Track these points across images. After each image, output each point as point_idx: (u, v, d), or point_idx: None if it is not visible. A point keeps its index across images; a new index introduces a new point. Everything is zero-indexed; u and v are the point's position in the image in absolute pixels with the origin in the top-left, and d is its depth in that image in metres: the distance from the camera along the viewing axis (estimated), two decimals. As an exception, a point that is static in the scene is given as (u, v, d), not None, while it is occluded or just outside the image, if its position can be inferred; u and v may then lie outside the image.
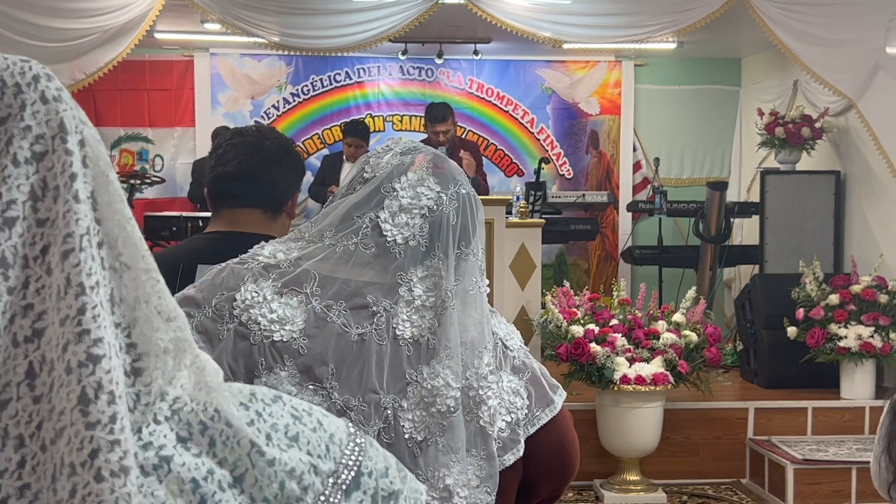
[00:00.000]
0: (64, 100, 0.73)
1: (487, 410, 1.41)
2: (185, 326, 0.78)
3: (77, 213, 0.70)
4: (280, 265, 1.43)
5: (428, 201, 1.45)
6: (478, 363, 1.43)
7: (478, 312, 1.45)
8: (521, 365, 1.51)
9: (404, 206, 1.44)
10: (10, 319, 0.69)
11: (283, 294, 1.40)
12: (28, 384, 0.68)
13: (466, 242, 1.46)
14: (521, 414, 1.46)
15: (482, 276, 1.48)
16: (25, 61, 0.73)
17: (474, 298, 1.45)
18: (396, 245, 1.43)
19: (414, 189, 1.46)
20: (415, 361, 1.40)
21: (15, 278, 0.69)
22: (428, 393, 1.38)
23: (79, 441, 0.66)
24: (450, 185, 1.47)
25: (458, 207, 1.46)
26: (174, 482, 0.72)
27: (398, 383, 1.39)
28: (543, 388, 1.52)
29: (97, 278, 0.70)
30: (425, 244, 1.44)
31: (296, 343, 1.37)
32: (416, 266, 1.43)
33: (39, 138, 0.71)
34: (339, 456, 0.84)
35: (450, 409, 1.38)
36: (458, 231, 1.45)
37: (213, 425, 0.76)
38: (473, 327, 1.44)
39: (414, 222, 1.44)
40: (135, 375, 0.73)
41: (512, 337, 1.54)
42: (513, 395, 1.46)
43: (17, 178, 0.70)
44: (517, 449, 1.45)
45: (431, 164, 1.49)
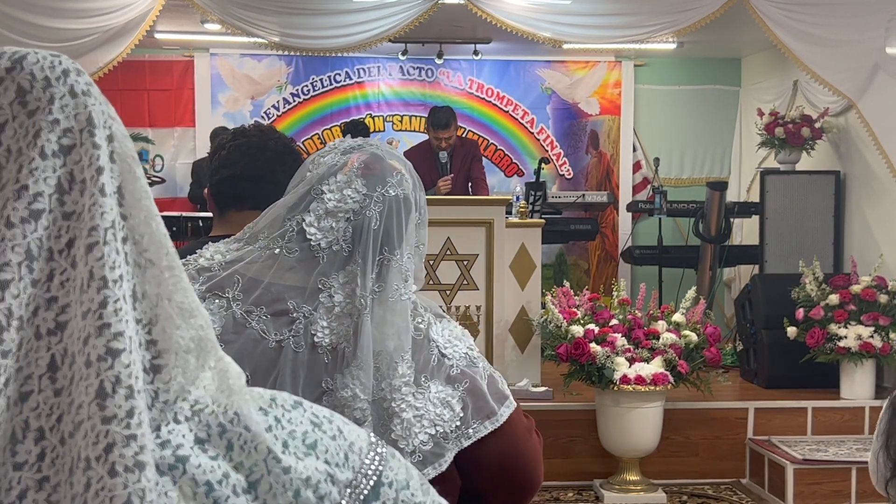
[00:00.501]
0: (93, 94, 0.74)
1: (400, 423, 1.37)
2: (207, 326, 0.78)
3: (103, 207, 0.70)
4: (212, 268, 1.42)
5: (353, 204, 1.42)
6: (392, 374, 1.38)
7: (399, 320, 1.40)
8: (458, 374, 1.44)
9: (330, 209, 1.41)
10: (34, 312, 0.69)
11: (206, 299, 1.38)
12: (50, 377, 0.68)
13: (390, 247, 1.41)
14: (451, 426, 1.40)
15: (406, 283, 1.42)
16: (56, 56, 0.73)
17: (395, 306, 1.40)
18: (320, 249, 1.40)
19: (341, 191, 1.42)
20: (332, 370, 1.37)
21: (39, 271, 0.69)
22: (338, 403, 1.35)
23: (95, 435, 0.66)
24: (377, 186, 1.43)
25: (382, 210, 1.42)
26: (188, 484, 0.72)
27: (314, 392, 1.36)
28: (483, 399, 1.44)
29: (120, 272, 0.70)
30: (347, 249, 1.40)
31: None
32: (337, 272, 1.40)
33: (67, 132, 0.72)
34: (358, 465, 0.83)
35: (357, 420, 1.34)
36: (381, 235, 1.41)
37: (232, 429, 0.75)
38: (392, 336, 1.39)
39: (338, 226, 1.41)
40: (154, 372, 0.73)
41: (455, 344, 1.46)
42: (440, 407, 1.40)
43: (43, 171, 0.70)
44: (439, 463, 1.39)
45: (363, 165, 1.45)
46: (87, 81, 0.74)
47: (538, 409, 5.43)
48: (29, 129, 0.71)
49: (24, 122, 0.71)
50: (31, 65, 0.72)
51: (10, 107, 0.71)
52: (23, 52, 0.73)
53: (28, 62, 0.72)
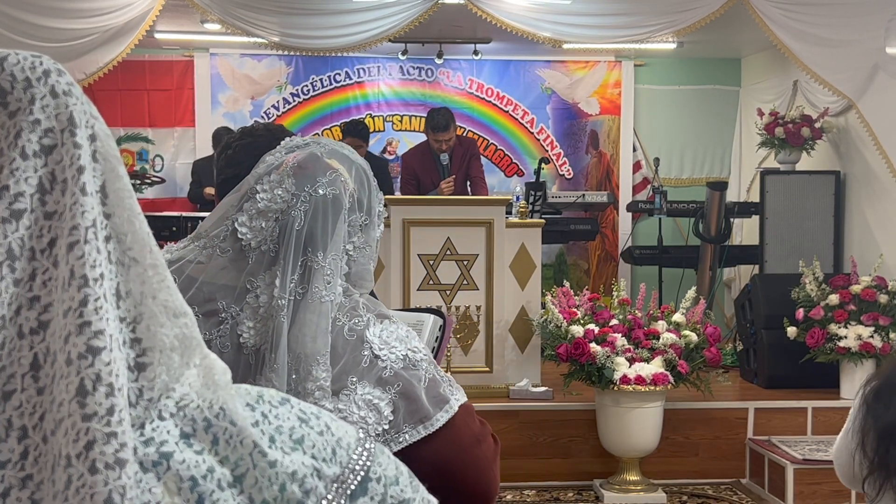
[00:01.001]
0: (74, 94, 0.74)
1: None
2: (192, 324, 0.78)
3: (83, 206, 0.71)
4: None
5: (282, 203, 1.41)
6: (306, 377, 1.36)
7: (322, 321, 1.37)
8: (391, 377, 1.39)
9: (261, 209, 1.41)
10: (17, 311, 0.69)
11: None
12: (32, 375, 0.69)
13: (314, 248, 1.39)
14: (376, 430, 1.36)
15: (327, 286, 1.39)
16: (37, 56, 0.74)
17: (315, 308, 1.38)
18: (251, 249, 1.40)
19: (273, 191, 1.42)
20: (255, 371, 1.36)
21: (21, 270, 0.70)
22: None
23: (75, 433, 0.67)
24: (305, 186, 1.41)
25: (307, 210, 1.40)
26: (172, 479, 0.72)
27: None
28: (417, 402, 1.38)
29: (101, 271, 0.70)
30: (274, 249, 1.40)
31: None
32: (264, 272, 1.39)
33: (48, 132, 0.72)
34: (345, 460, 0.83)
35: None
36: (304, 236, 1.39)
37: (218, 423, 0.76)
38: (310, 339, 1.36)
39: (267, 226, 1.40)
40: (138, 370, 0.73)
41: (393, 346, 1.41)
42: (366, 409, 1.36)
43: (25, 171, 0.70)
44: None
45: (296, 164, 1.44)
46: (69, 81, 0.74)
47: (538, 409, 5.44)
48: (10, 130, 0.71)
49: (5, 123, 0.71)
50: (11, 66, 0.72)
51: None
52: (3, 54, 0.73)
53: (9, 63, 0.72)
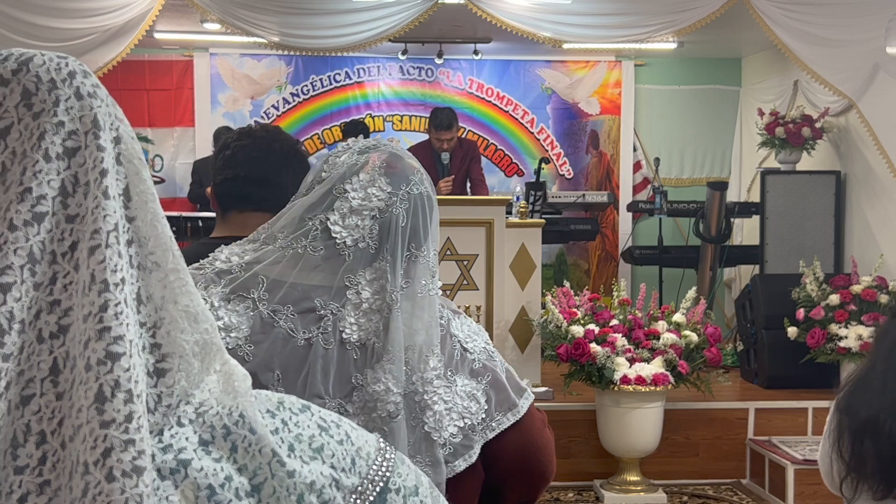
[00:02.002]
0: (99, 96, 0.73)
1: (433, 416, 1.39)
2: (213, 329, 0.77)
3: (105, 210, 0.70)
4: (232, 270, 1.42)
5: (378, 202, 1.43)
6: (423, 367, 1.40)
7: (427, 315, 1.42)
8: (480, 368, 1.47)
9: (355, 207, 1.42)
10: (36, 315, 0.69)
11: (231, 300, 1.39)
12: (52, 380, 0.68)
13: (417, 244, 1.43)
14: (477, 419, 1.42)
15: (433, 279, 1.45)
16: (62, 58, 0.73)
17: (423, 301, 1.42)
18: (346, 247, 1.41)
19: (365, 190, 1.43)
20: (361, 365, 1.38)
21: (42, 274, 0.69)
22: (370, 398, 1.36)
23: (93, 439, 0.66)
24: (401, 185, 1.45)
25: (408, 208, 1.44)
26: (190, 488, 0.71)
27: (344, 388, 1.37)
28: (505, 391, 1.47)
29: (122, 275, 0.70)
30: (374, 246, 1.42)
31: (241, 350, 1.36)
32: (364, 268, 1.41)
33: (72, 134, 0.71)
34: (364, 471, 0.82)
35: (390, 414, 1.36)
36: (409, 232, 1.43)
37: (237, 430, 0.75)
38: (422, 331, 1.41)
39: (364, 224, 1.42)
40: (157, 376, 0.73)
41: (474, 339, 1.50)
42: (468, 400, 1.43)
43: (47, 174, 0.70)
44: (469, 455, 1.41)
45: (385, 164, 1.46)
46: (94, 83, 0.74)
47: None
48: (34, 132, 0.70)
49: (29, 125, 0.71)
50: (37, 67, 0.72)
51: (16, 109, 0.71)
52: (29, 54, 0.72)
53: (34, 64, 0.72)
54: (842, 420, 2.13)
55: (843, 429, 2.12)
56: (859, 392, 2.13)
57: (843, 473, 2.10)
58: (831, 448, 2.14)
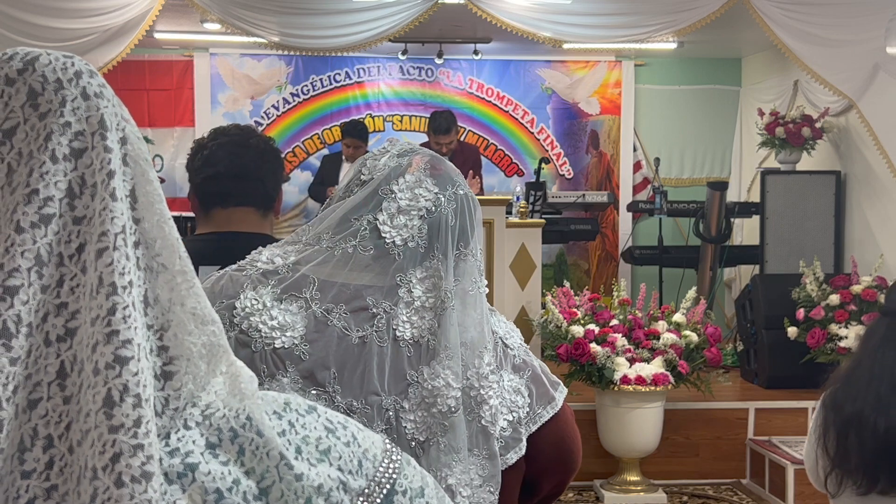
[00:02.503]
0: (106, 97, 0.73)
1: (489, 410, 1.41)
2: (219, 331, 0.77)
3: (113, 212, 0.69)
4: (279, 271, 1.43)
5: (426, 202, 1.45)
6: (478, 363, 1.42)
7: (477, 312, 1.45)
8: (521, 363, 1.51)
9: (402, 207, 1.44)
10: (44, 318, 0.68)
11: (283, 300, 1.40)
12: (59, 384, 0.68)
13: (465, 243, 1.46)
14: (523, 412, 1.47)
15: (481, 277, 1.48)
16: (69, 57, 0.72)
17: (474, 298, 1.45)
18: (395, 247, 1.43)
19: (412, 190, 1.46)
20: (415, 362, 1.40)
21: (49, 276, 0.68)
22: (429, 393, 1.38)
23: (101, 444, 0.65)
24: (447, 186, 1.48)
25: (456, 208, 1.46)
26: (197, 492, 0.71)
27: (399, 384, 1.39)
28: (544, 385, 1.52)
29: (130, 278, 0.69)
30: (424, 245, 1.44)
31: (297, 349, 1.37)
32: (415, 267, 1.43)
33: (79, 135, 0.71)
34: (371, 473, 0.82)
35: (451, 409, 1.38)
36: (457, 232, 1.46)
37: (244, 433, 0.74)
38: (473, 327, 1.43)
39: (412, 224, 1.44)
40: (165, 379, 0.72)
41: (512, 335, 1.54)
42: (514, 394, 1.46)
43: (54, 175, 0.69)
44: (519, 447, 1.45)
45: (429, 166, 1.49)
46: (101, 83, 0.73)
47: (538, 410, 5.43)
48: (40, 132, 0.70)
49: (35, 125, 0.70)
50: (43, 66, 0.71)
51: (22, 109, 0.70)
52: (35, 53, 0.71)
53: (40, 64, 0.71)
54: (827, 416, 2.14)
55: (829, 424, 2.12)
56: (845, 388, 2.13)
57: (828, 468, 2.11)
58: (816, 443, 2.15)
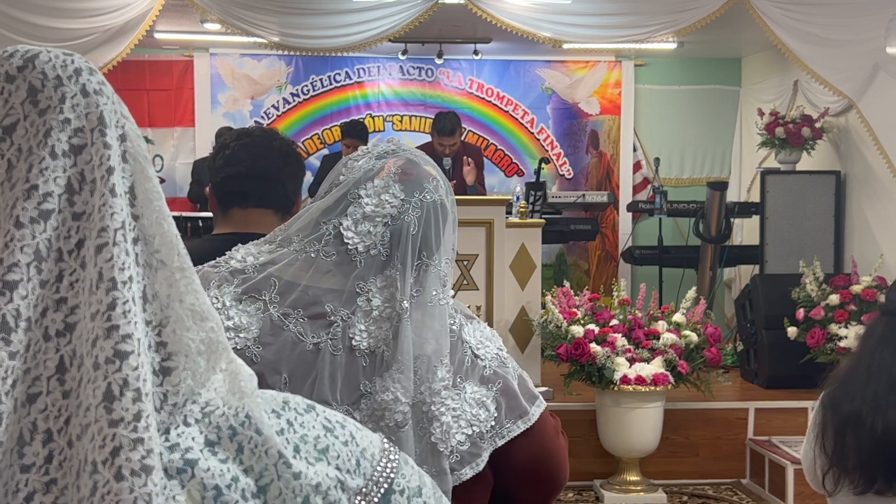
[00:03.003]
0: (105, 93, 0.73)
1: (440, 427, 1.38)
2: (218, 327, 0.77)
3: (113, 208, 0.70)
4: (246, 270, 1.41)
5: (391, 209, 1.42)
6: (431, 378, 1.39)
7: (437, 324, 1.41)
8: (491, 375, 1.45)
9: (367, 213, 1.42)
10: (42, 313, 0.68)
11: (242, 301, 1.38)
12: (58, 378, 0.68)
13: (428, 252, 1.42)
14: (486, 426, 1.41)
15: (444, 288, 1.44)
16: (68, 54, 0.73)
17: (434, 310, 1.41)
18: (358, 253, 1.40)
19: (378, 196, 1.42)
20: (370, 373, 1.37)
21: (48, 271, 0.69)
22: (378, 406, 1.36)
23: (101, 438, 0.66)
24: (415, 192, 1.44)
25: (420, 216, 1.42)
26: (196, 488, 0.71)
27: (352, 395, 1.36)
28: (516, 398, 1.46)
29: (130, 273, 0.70)
30: (385, 253, 1.41)
31: (249, 351, 1.35)
32: (375, 276, 1.40)
33: (78, 131, 0.71)
34: (369, 472, 0.83)
35: (398, 423, 1.35)
36: (420, 240, 1.42)
37: (243, 431, 0.75)
38: (431, 340, 1.40)
39: (376, 230, 1.41)
40: (163, 374, 0.73)
41: (486, 345, 1.48)
42: (476, 407, 1.41)
43: (54, 171, 0.70)
44: (476, 463, 1.40)
45: (400, 171, 1.45)
46: (100, 80, 0.74)
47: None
48: (39, 129, 0.70)
49: (35, 121, 0.70)
50: (43, 63, 0.72)
51: (22, 106, 0.71)
52: (35, 51, 0.72)
53: (40, 61, 0.72)
54: (826, 415, 2.14)
55: (827, 423, 2.12)
56: (843, 387, 2.14)
57: (826, 467, 2.11)
58: (814, 442, 2.15)
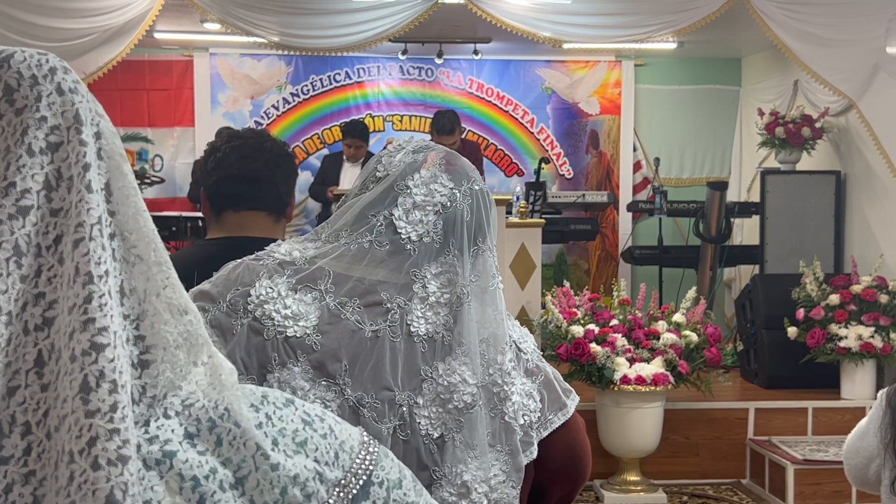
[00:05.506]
0: (80, 92, 0.74)
1: (512, 405, 1.41)
2: (197, 321, 0.78)
3: (89, 203, 0.71)
4: (295, 262, 1.43)
5: (441, 198, 1.45)
6: (501, 359, 1.42)
7: (495, 309, 1.44)
8: (534, 368, 1.49)
9: (418, 203, 1.44)
10: (23, 307, 0.70)
11: (298, 290, 1.39)
12: (37, 372, 0.69)
13: (482, 238, 1.46)
14: (535, 417, 1.45)
15: (498, 273, 1.47)
16: (42, 54, 0.74)
17: (492, 295, 1.44)
18: (411, 242, 1.42)
19: (427, 186, 1.45)
20: (429, 358, 1.39)
21: (28, 266, 0.70)
22: (444, 389, 1.38)
23: (78, 429, 0.67)
24: (463, 181, 1.47)
25: (471, 204, 1.46)
26: (175, 479, 0.72)
27: (413, 380, 1.38)
28: (556, 391, 1.50)
29: (106, 267, 0.71)
30: (439, 241, 1.43)
31: (309, 339, 1.36)
32: (430, 263, 1.43)
33: (55, 129, 0.72)
34: (348, 464, 0.83)
35: (467, 405, 1.38)
36: (473, 227, 1.45)
37: (222, 424, 0.76)
38: (492, 323, 1.43)
39: (428, 219, 1.43)
40: (142, 367, 0.74)
41: (526, 340, 1.52)
42: (526, 398, 1.45)
43: (31, 168, 0.71)
44: (530, 451, 1.44)
45: (444, 161, 1.49)
46: (75, 79, 0.75)
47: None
48: (17, 127, 0.71)
49: (11, 120, 0.72)
50: (18, 63, 0.73)
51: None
52: (9, 51, 0.73)
53: (15, 60, 0.73)
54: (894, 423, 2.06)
55: None
56: None
57: None
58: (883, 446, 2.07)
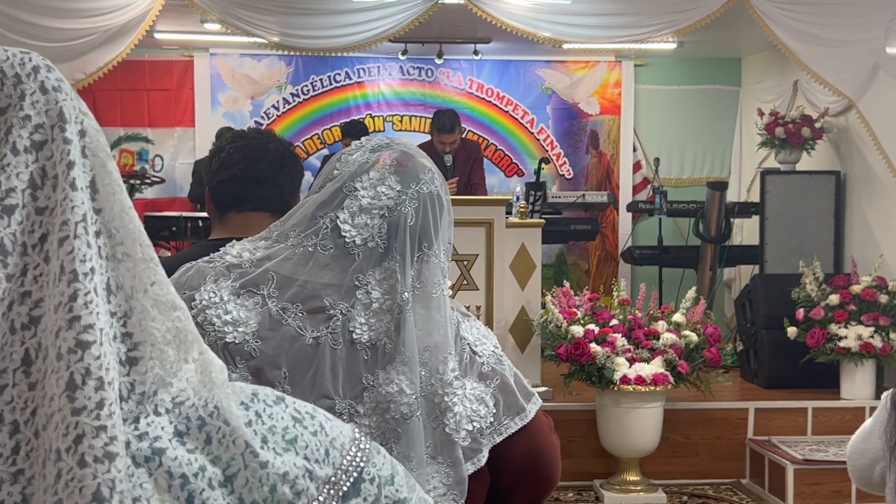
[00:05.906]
0: (64, 90, 0.74)
1: (453, 417, 1.38)
2: (186, 317, 0.78)
3: (73, 201, 0.71)
4: (242, 265, 1.41)
5: (388, 201, 1.41)
6: (442, 369, 1.39)
7: (440, 316, 1.40)
8: (489, 371, 1.46)
9: (364, 206, 1.41)
10: (9, 306, 0.69)
11: (240, 295, 1.37)
12: (24, 371, 0.69)
13: (428, 244, 1.41)
14: (486, 423, 1.42)
15: (445, 279, 1.43)
16: (25, 53, 0.74)
17: (437, 302, 1.40)
18: (355, 246, 1.39)
19: (375, 188, 1.41)
20: (371, 366, 1.36)
21: (14, 266, 0.70)
22: (383, 399, 1.35)
23: (65, 427, 0.67)
24: (411, 183, 1.43)
25: (417, 207, 1.41)
26: (163, 476, 0.72)
27: (354, 388, 1.36)
28: (514, 395, 1.46)
29: (92, 265, 0.71)
30: (383, 245, 1.40)
31: (248, 345, 1.34)
32: (374, 268, 1.39)
33: (39, 128, 0.72)
34: (338, 461, 0.83)
35: (404, 415, 1.35)
36: (418, 231, 1.41)
37: (211, 422, 0.76)
38: (436, 331, 1.39)
39: (373, 223, 1.40)
40: (130, 364, 0.74)
41: (483, 342, 1.48)
42: (476, 403, 1.41)
43: (16, 167, 0.71)
44: (477, 458, 1.40)
45: (395, 163, 1.44)
46: (58, 77, 0.75)
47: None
48: (1, 126, 0.71)
49: None
50: (1, 62, 0.72)
51: None
52: None
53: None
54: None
55: None
56: None
57: None
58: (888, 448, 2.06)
